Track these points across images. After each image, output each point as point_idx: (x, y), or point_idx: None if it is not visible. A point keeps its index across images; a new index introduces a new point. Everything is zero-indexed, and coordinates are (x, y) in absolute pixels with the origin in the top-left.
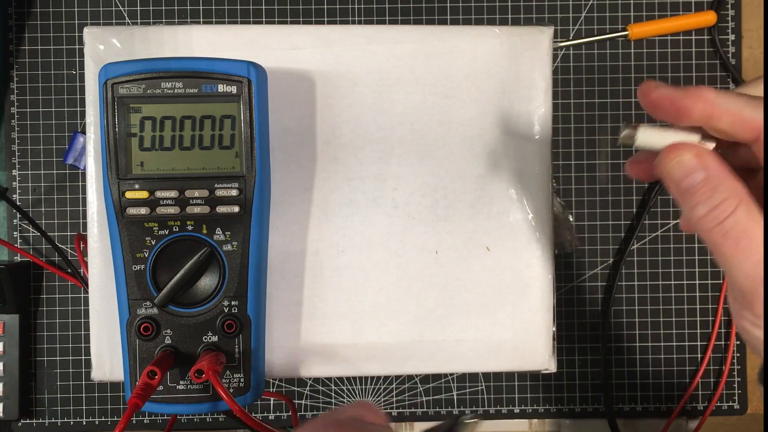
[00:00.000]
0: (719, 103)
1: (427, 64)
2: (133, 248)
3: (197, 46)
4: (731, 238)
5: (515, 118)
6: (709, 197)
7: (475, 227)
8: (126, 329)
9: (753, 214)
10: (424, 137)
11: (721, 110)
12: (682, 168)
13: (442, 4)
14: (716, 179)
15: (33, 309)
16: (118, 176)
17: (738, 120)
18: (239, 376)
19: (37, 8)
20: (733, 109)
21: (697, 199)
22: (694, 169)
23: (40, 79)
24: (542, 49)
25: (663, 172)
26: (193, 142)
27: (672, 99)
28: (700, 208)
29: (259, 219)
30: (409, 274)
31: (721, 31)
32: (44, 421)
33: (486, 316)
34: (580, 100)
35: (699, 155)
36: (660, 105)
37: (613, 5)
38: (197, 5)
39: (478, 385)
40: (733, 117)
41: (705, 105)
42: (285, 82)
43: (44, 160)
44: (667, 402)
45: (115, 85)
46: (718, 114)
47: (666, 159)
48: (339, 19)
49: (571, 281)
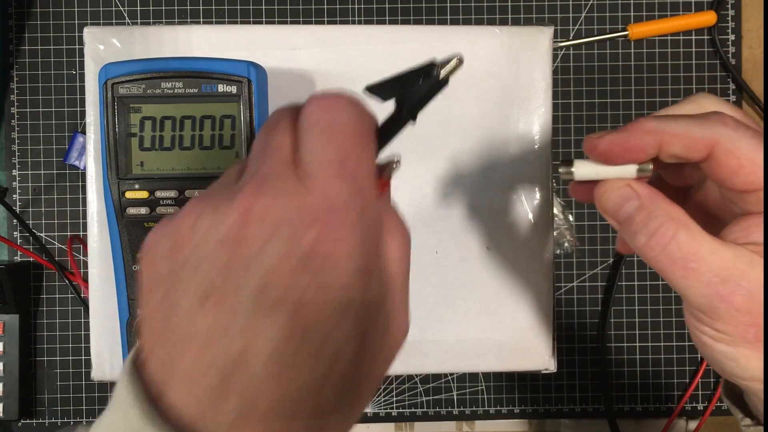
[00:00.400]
0: (665, 129)
1: None
2: (133, 248)
3: (197, 46)
4: (678, 262)
5: (515, 118)
6: (646, 224)
7: (475, 227)
8: (126, 329)
9: (694, 234)
10: (424, 137)
11: (670, 136)
12: (616, 199)
13: (442, 4)
14: (650, 206)
15: (33, 309)
16: (118, 176)
17: (688, 142)
18: None
19: (37, 8)
20: (681, 132)
21: (635, 228)
22: (627, 198)
23: (40, 79)
24: (542, 49)
25: (599, 207)
26: (193, 142)
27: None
28: (639, 236)
29: None
30: (409, 274)
31: (721, 31)
32: (44, 421)
33: (486, 316)
34: (580, 100)
35: (630, 185)
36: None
37: (613, 5)
38: (197, 5)
39: (478, 385)
40: (684, 140)
41: (653, 137)
42: (285, 82)
43: (44, 160)
44: (667, 402)
45: (115, 85)
46: (668, 140)
47: (599, 193)
48: (339, 19)
49: (571, 281)
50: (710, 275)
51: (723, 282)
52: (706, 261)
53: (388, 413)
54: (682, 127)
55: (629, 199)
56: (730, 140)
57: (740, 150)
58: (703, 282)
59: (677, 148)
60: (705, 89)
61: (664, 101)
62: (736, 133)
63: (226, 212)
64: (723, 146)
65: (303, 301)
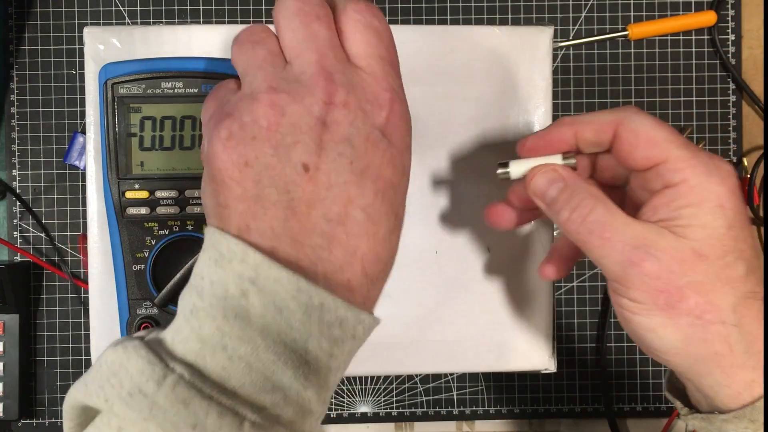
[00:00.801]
0: (578, 120)
1: (427, 64)
2: (133, 248)
3: (197, 46)
4: (596, 232)
5: (515, 118)
6: (568, 201)
7: (475, 227)
8: (126, 329)
9: (611, 209)
10: (424, 137)
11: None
12: (543, 182)
13: (442, 4)
14: (573, 186)
15: (33, 309)
16: (118, 176)
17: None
18: None
19: (37, 8)
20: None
21: (560, 206)
22: (553, 181)
23: (40, 79)
24: (542, 49)
25: (530, 192)
26: (193, 142)
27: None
28: (563, 212)
29: None
30: (409, 274)
31: (721, 31)
32: (44, 421)
33: (486, 316)
34: (580, 100)
35: (555, 170)
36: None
37: (613, 5)
38: (197, 5)
39: (478, 385)
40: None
41: (568, 127)
42: None
43: (44, 160)
44: (667, 402)
45: (115, 85)
46: (581, 129)
47: (530, 178)
48: None
49: (571, 281)
50: (622, 244)
51: (634, 249)
52: (620, 231)
53: (388, 413)
54: (592, 116)
55: (555, 181)
56: (631, 120)
57: (639, 127)
58: (617, 250)
59: (589, 133)
60: (705, 89)
61: (664, 101)
62: (638, 116)
63: (313, 102)
64: (624, 125)
65: (381, 167)
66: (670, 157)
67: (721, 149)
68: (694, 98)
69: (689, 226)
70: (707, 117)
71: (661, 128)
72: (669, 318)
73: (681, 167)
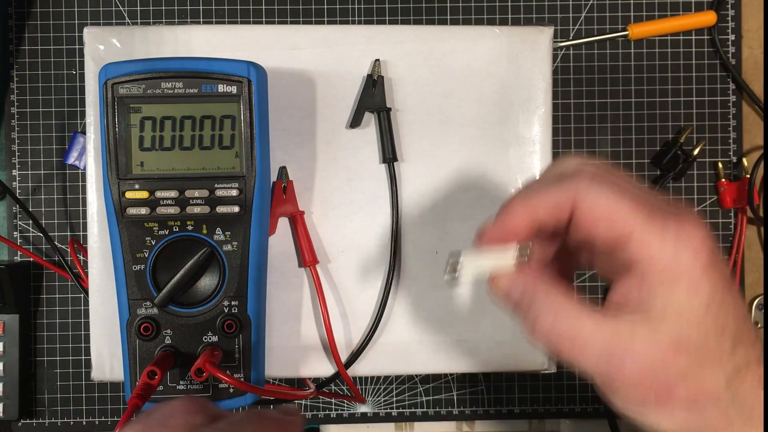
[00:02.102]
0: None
1: (427, 64)
2: (133, 248)
3: (197, 46)
4: (565, 343)
5: (515, 118)
6: (529, 308)
7: (475, 227)
8: (126, 329)
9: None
10: (424, 137)
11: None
12: (503, 288)
13: (442, 4)
14: (531, 293)
15: (33, 309)
16: (118, 176)
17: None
18: (239, 376)
19: (37, 8)
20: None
21: (522, 315)
22: (511, 287)
23: (40, 79)
24: (542, 49)
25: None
26: (193, 142)
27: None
28: (527, 320)
29: (259, 219)
30: (409, 274)
31: (721, 31)
32: (44, 421)
33: (486, 316)
34: (580, 100)
35: (510, 277)
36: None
37: (613, 5)
38: (197, 5)
39: (478, 385)
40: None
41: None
42: (285, 82)
43: (44, 160)
44: None
45: (115, 85)
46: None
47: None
48: (339, 19)
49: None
50: (596, 354)
51: (609, 358)
52: (591, 339)
53: (388, 413)
54: (544, 193)
55: (513, 288)
56: (588, 192)
57: (597, 201)
58: (593, 360)
59: (545, 215)
60: (705, 89)
61: (664, 101)
62: (592, 186)
63: None
64: (580, 201)
65: None
66: (635, 232)
67: (721, 149)
68: (694, 98)
69: (664, 313)
70: (707, 117)
71: (623, 198)
72: (662, 411)
73: (648, 243)
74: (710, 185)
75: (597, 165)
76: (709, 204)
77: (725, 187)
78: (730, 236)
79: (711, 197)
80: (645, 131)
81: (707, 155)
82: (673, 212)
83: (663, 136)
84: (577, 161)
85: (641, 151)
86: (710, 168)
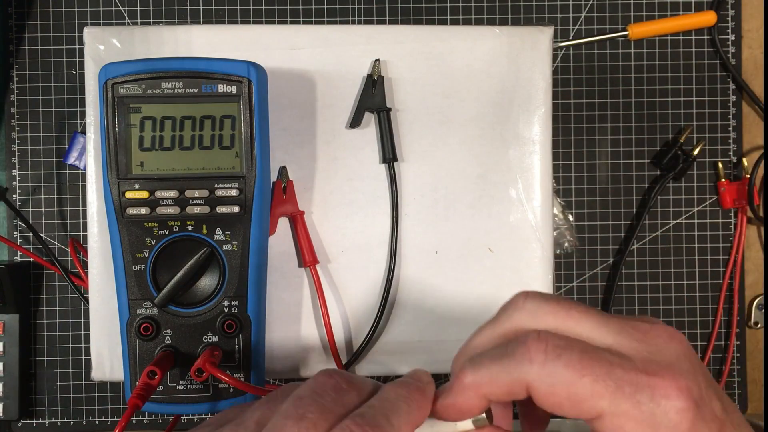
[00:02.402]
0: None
1: (427, 64)
2: (133, 248)
3: (197, 46)
4: None
5: (515, 118)
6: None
7: (475, 227)
8: (126, 329)
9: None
10: (424, 137)
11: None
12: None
13: (442, 4)
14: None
15: (33, 309)
16: (118, 176)
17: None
18: (239, 376)
19: (37, 8)
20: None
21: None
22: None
23: (40, 79)
24: (542, 49)
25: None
26: (193, 142)
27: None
28: None
29: (259, 219)
30: (409, 274)
31: (721, 31)
32: (44, 421)
33: (486, 317)
34: (580, 100)
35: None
36: (449, 415)
37: (613, 5)
38: (197, 5)
39: None
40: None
41: (474, 391)
42: (285, 82)
43: (44, 160)
44: None
45: (115, 85)
46: (488, 391)
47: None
48: (339, 19)
49: (571, 281)
50: None
51: None
52: None
53: None
54: (494, 375)
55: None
56: (541, 380)
57: (554, 388)
58: None
59: (499, 396)
60: (705, 89)
61: (664, 101)
62: (545, 369)
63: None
64: (536, 389)
65: None
66: (605, 413)
67: (721, 149)
68: (694, 98)
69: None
70: (707, 117)
71: (582, 377)
72: None
73: (621, 425)
74: (710, 185)
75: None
76: (709, 204)
77: (725, 187)
78: (730, 236)
79: (711, 197)
80: (645, 131)
81: (707, 155)
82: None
83: (663, 136)
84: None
85: (641, 151)
86: (710, 168)
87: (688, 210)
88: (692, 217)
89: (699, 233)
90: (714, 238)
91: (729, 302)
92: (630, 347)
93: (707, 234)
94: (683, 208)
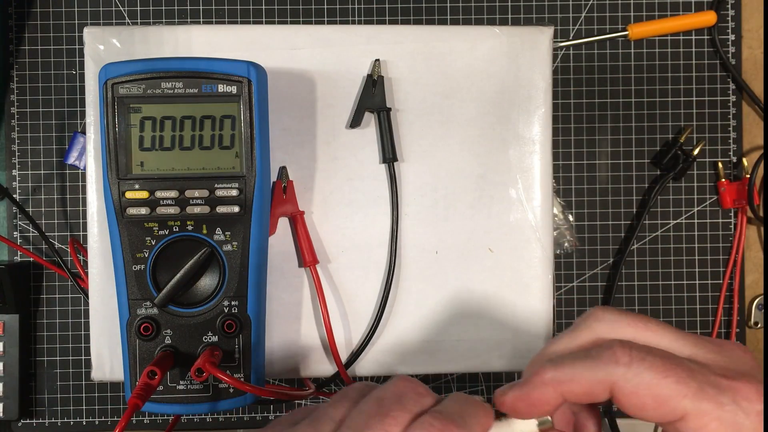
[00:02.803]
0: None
1: (427, 64)
2: (133, 248)
3: (197, 46)
4: None
5: (515, 118)
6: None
7: (475, 227)
8: (126, 329)
9: None
10: (424, 137)
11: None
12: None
13: (442, 4)
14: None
15: (33, 309)
16: (118, 176)
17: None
18: (239, 376)
19: (37, 8)
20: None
21: None
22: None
23: (40, 79)
24: (542, 49)
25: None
26: (193, 142)
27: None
28: None
29: (259, 219)
30: (409, 274)
31: (721, 31)
32: (44, 421)
33: (486, 316)
34: (580, 100)
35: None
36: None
37: (613, 5)
38: (197, 5)
39: (478, 385)
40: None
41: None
42: (285, 82)
43: (44, 160)
44: None
45: (115, 85)
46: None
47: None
48: (339, 19)
49: (571, 281)
50: None
51: None
52: None
53: None
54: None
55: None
56: (627, 380)
57: (639, 386)
58: None
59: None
60: (705, 89)
61: (664, 101)
62: (631, 371)
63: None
64: (621, 389)
65: None
66: (689, 414)
67: (721, 149)
68: (694, 98)
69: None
70: (707, 117)
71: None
72: None
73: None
74: (710, 185)
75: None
76: (709, 204)
77: (725, 187)
78: (730, 236)
79: (711, 197)
80: (645, 131)
81: (707, 155)
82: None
83: (663, 136)
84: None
85: (641, 151)
86: (710, 168)
87: (688, 210)
88: (692, 217)
89: (699, 233)
90: (714, 238)
91: (729, 302)
92: (707, 357)
93: (707, 234)
94: (683, 208)
